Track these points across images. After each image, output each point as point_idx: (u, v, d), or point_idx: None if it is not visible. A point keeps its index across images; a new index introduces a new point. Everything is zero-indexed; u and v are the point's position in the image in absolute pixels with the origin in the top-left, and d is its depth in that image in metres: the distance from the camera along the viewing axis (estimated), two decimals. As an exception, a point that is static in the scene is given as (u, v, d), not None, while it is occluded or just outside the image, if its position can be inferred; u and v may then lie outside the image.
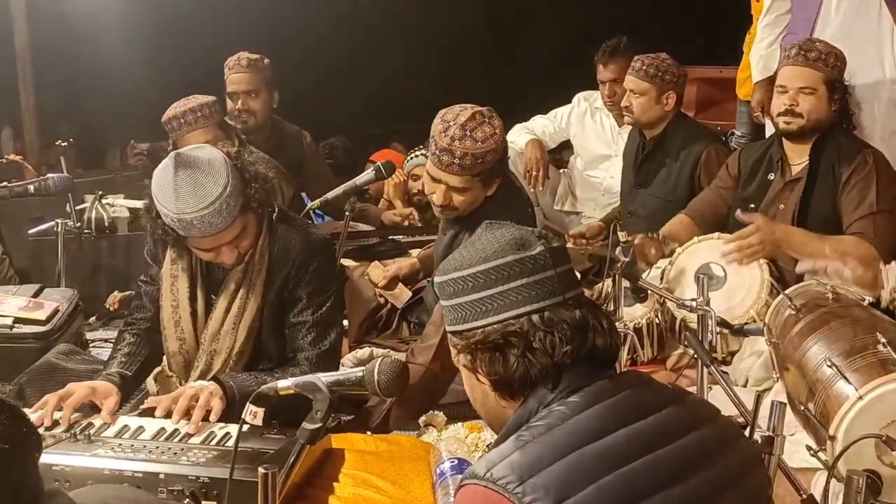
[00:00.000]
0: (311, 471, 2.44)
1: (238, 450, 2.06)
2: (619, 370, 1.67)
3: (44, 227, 4.50)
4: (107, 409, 2.61)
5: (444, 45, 7.63)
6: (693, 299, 2.78)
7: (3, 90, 6.84)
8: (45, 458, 2.12)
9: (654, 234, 3.64)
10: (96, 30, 6.81)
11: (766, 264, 3.36)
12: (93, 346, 3.95)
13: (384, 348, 3.58)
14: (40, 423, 2.50)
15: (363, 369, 1.80)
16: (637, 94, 4.27)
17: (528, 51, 7.69)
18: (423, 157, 4.44)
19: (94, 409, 2.64)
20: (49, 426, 2.51)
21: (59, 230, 4.20)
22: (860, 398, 2.10)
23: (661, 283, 3.44)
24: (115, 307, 4.25)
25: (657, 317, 3.48)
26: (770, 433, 2.01)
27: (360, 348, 3.60)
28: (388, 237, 4.60)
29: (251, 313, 2.76)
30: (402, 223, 4.94)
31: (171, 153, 2.58)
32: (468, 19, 7.89)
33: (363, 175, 3.80)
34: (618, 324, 2.89)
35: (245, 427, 1.93)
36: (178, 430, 2.49)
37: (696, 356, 2.60)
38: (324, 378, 1.79)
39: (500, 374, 1.58)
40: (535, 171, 4.87)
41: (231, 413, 2.56)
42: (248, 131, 4.51)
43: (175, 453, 2.34)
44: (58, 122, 7.24)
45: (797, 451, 2.38)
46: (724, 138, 4.93)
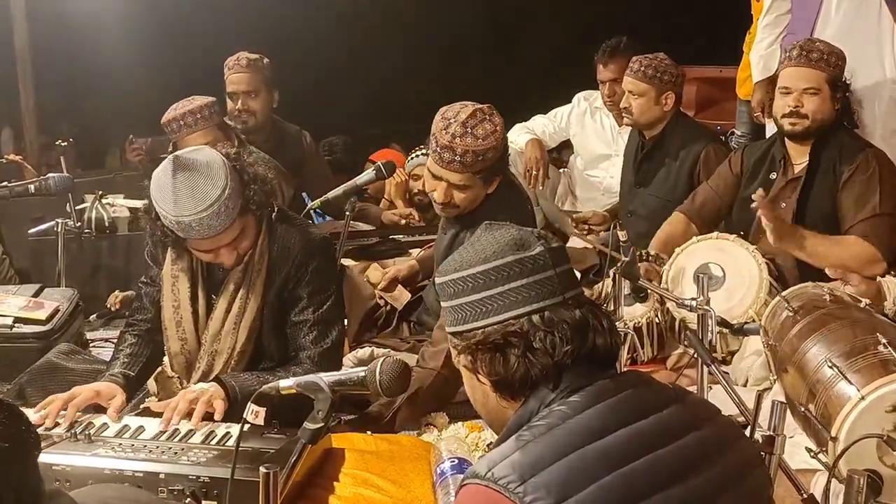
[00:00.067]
0: (312, 470, 2.44)
1: (239, 449, 2.06)
2: (619, 370, 1.68)
3: (44, 226, 4.50)
4: (114, 407, 2.62)
5: (444, 45, 7.62)
6: (693, 299, 2.77)
7: (3, 90, 6.82)
8: (45, 458, 2.12)
9: (645, 253, 3.60)
10: (96, 30, 6.80)
11: (765, 263, 3.36)
12: (93, 345, 3.95)
13: (384, 348, 3.57)
14: (41, 423, 2.50)
15: (365, 369, 1.80)
16: (636, 95, 4.27)
17: (528, 51, 7.68)
18: (424, 156, 4.44)
19: (97, 410, 2.64)
20: (50, 426, 2.52)
21: (59, 230, 4.20)
22: (862, 399, 2.10)
23: (660, 283, 3.44)
24: (117, 307, 4.24)
25: (657, 316, 3.48)
26: (771, 433, 2.01)
27: (361, 348, 3.59)
28: (388, 237, 4.59)
29: (252, 313, 2.76)
30: (403, 223, 4.94)
31: (170, 156, 2.58)
32: (468, 19, 7.89)
33: (363, 175, 3.80)
34: (618, 323, 2.88)
35: (246, 427, 1.93)
36: (179, 429, 2.50)
37: (696, 355, 2.60)
38: (326, 378, 1.79)
39: (501, 375, 1.58)
40: (535, 171, 4.87)
41: (233, 412, 2.56)
42: (248, 131, 4.51)
43: (175, 453, 2.34)
44: (58, 122, 7.23)
45: (797, 452, 2.37)
46: (723, 138, 4.93)
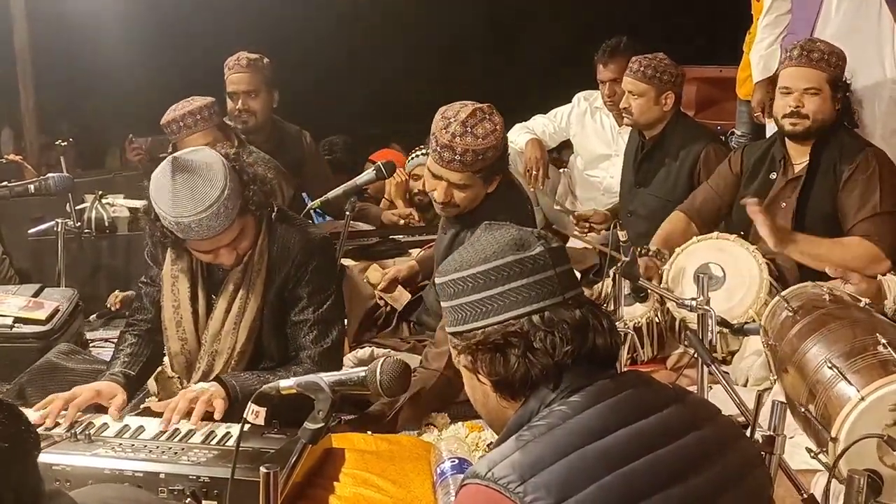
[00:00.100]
0: (312, 470, 2.44)
1: (239, 449, 2.06)
2: (619, 370, 1.67)
3: (44, 226, 4.50)
4: (115, 406, 2.62)
5: (444, 45, 7.63)
6: (693, 299, 2.77)
7: (3, 90, 6.82)
8: (45, 458, 2.12)
9: (647, 250, 3.60)
10: (96, 30, 6.80)
11: (766, 263, 3.36)
12: (93, 345, 3.95)
13: (385, 348, 3.57)
14: (41, 422, 2.50)
15: (366, 369, 1.80)
16: (635, 96, 4.27)
17: (528, 51, 7.68)
18: (425, 156, 4.43)
19: (98, 410, 2.64)
20: (50, 426, 2.52)
21: (59, 230, 4.20)
22: (862, 399, 2.10)
23: (660, 283, 3.44)
24: (117, 307, 4.25)
25: (657, 316, 3.48)
26: (771, 432, 2.01)
27: (361, 348, 3.59)
28: (388, 237, 4.59)
29: (251, 313, 2.76)
30: (402, 223, 4.93)
31: (169, 157, 2.58)
32: (468, 19, 7.89)
33: (363, 175, 3.80)
34: (618, 323, 2.88)
35: (246, 426, 1.93)
36: (179, 429, 2.49)
37: (696, 355, 2.60)
38: (326, 378, 1.79)
39: (501, 375, 1.58)
40: (534, 171, 4.87)
41: (234, 412, 2.56)
42: (249, 131, 4.51)
43: (175, 453, 2.34)
44: (58, 122, 7.23)
45: (797, 452, 2.37)
46: (723, 138, 4.93)
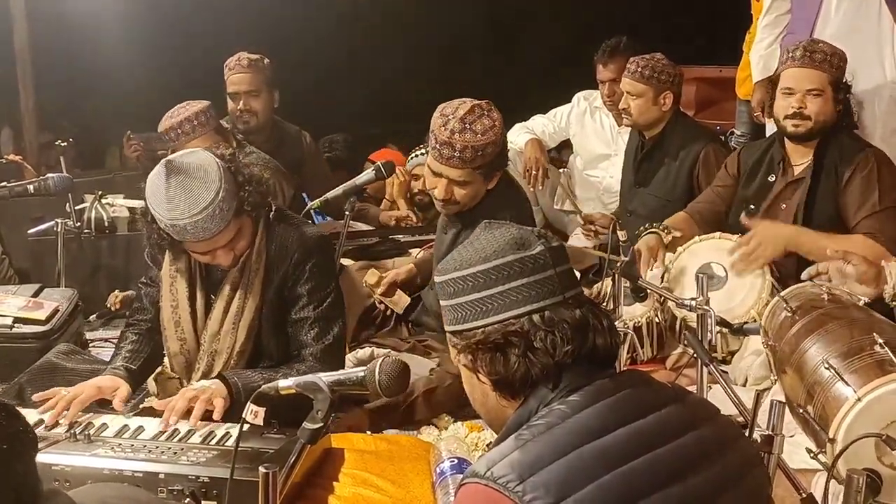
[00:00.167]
0: (312, 470, 2.44)
1: (238, 449, 2.06)
2: (618, 369, 1.67)
3: (43, 227, 4.50)
4: (119, 398, 2.62)
5: (444, 45, 7.63)
6: (693, 299, 2.78)
7: (3, 90, 6.83)
8: (45, 457, 2.13)
9: (656, 226, 3.61)
10: (96, 30, 6.81)
11: (768, 265, 3.36)
12: (93, 345, 3.95)
13: (385, 348, 3.57)
14: (49, 422, 2.51)
15: (364, 369, 1.81)
16: (634, 96, 4.26)
17: (528, 51, 7.69)
18: (424, 155, 4.44)
19: (100, 405, 2.65)
20: (50, 425, 2.52)
21: (58, 230, 4.21)
22: (859, 400, 2.09)
23: (660, 283, 3.44)
24: (117, 307, 4.25)
25: (657, 316, 3.48)
26: (769, 432, 2.01)
27: (361, 348, 3.60)
28: (387, 237, 4.59)
29: (250, 313, 2.76)
30: (399, 223, 4.93)
31: (163, 160, 2.59)
32: (468, 19, 7.90)
33: (363, 175, 3.80)
34: (617, 323, 2.89)
35: (245, 426, 1.93)
36: (178, 429, 2.50)
37: (695, 355, 2.60)
38: (325, 378, 1.79)
39: (501, 374, 1.58)
40: (534, 171, 4.87)
41: (236, 410, 2.56)
42: (250, 131, 4.51)
43: (175, 453, 2.34)
44: (58, 122, 7.23)
45: (796, 452, 2.37)
46: (723, 138, 4.93)
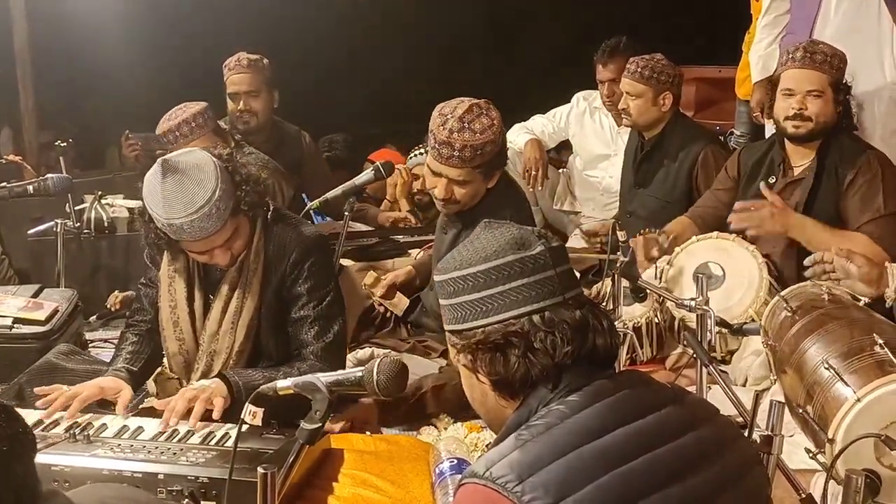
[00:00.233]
0: (311, 471, 2.44)
1: (237, 450, 2.06)
2: (618, 370, 1.67)
3: (43, 227, 4.50)
4: (122, 403, 2.63)
5: (444, 45, 7.64)
6: (692, 299, 2.78)
7: (3, 90, 6.83)
8: (44, 458, 2.12)
9: (652, 230, 3.62)
10: (96, 30, 6.81)
11: (765, 263, 3.36)
12: (92, 346, 3.95)
13: (384, 348, 3.57)
14: (46, 418, 2.51)
15: (362, 369, 1.80)
16: (633, 97, 4.26)
17: (528, 51, 7.70)
18: (424, 155, 4.44)
19: (101, 405, 2.65)
20: (49, 426, 2.52)
21: (58, 230, 4.20)
22: (858, 400, 2.09)
23: (659, 283, 3.44)
24: (117, 307, 4.25)
25: (656, 316, 3.48)
26: (769, 432, 2.01)
27: (361, 349, 3.60)
28: (387, 237, 4.59)
29: (249, 312, 2.76)
30: (395, 224, 4.93)
31: (159, 160, 2.58)
32: (468, 19, 7.90)
33: (362, 175, 3.79)
34: (617, 323, 2.89)
35: (244, 427, 1.93)
36: (178, 430, 2.49)
37: (695, 356, 2.60)
38: (323, 378, 1.79)
39: (501, 374, 1.58)
40: (534, 171, 4.87)
41: (237, 409, 2.55)
42: (250, 132, 4.51)
43: (174, 453, 2.34)
44: (58, 122, 7.24)
45: (796, 452, 2.37)
46: (723, 138, 4.93)
